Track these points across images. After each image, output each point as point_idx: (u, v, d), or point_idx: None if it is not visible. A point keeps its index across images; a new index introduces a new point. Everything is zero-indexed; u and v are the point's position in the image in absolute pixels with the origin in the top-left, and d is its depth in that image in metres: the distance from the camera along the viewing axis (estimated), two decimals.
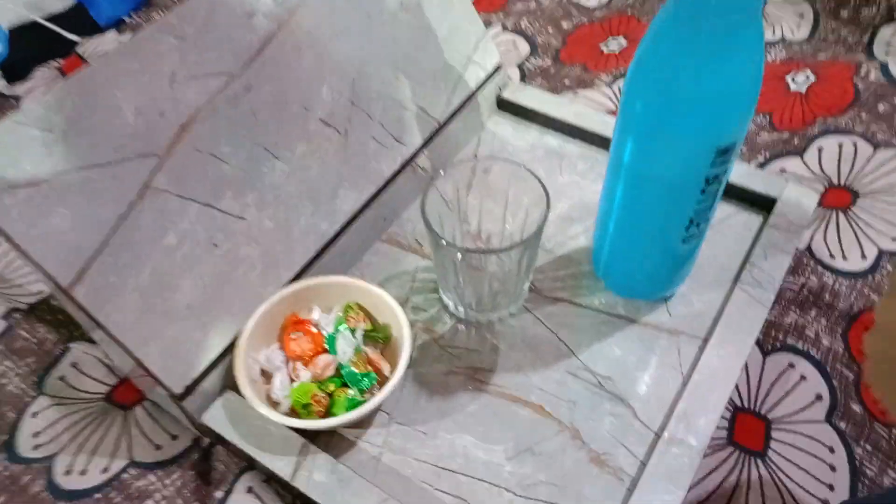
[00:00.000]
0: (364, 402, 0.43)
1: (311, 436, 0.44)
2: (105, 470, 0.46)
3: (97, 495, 0.45)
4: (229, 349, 0.45)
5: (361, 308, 0.47)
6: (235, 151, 0.45)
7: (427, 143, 0.57)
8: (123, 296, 0.40)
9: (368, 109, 0.52)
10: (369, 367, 0.45)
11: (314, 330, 0.46)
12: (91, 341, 0.52)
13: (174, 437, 0.47)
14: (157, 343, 0.42)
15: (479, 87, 0.61)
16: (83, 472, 0.46)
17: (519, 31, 0.75)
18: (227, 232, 0.45)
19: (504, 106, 0.63)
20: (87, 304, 0.39)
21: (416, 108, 0.56)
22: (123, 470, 0.46)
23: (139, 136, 0.41)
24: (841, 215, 0.55)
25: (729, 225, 0.54)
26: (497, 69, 0.62)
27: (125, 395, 0.50)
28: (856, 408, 0.46)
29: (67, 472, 0.46)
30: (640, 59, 0.38)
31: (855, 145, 0.59)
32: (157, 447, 0.47)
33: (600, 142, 0.59)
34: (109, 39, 0.78)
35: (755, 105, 0.38)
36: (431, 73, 0.57)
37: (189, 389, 0.43)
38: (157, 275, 0.42)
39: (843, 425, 0.45)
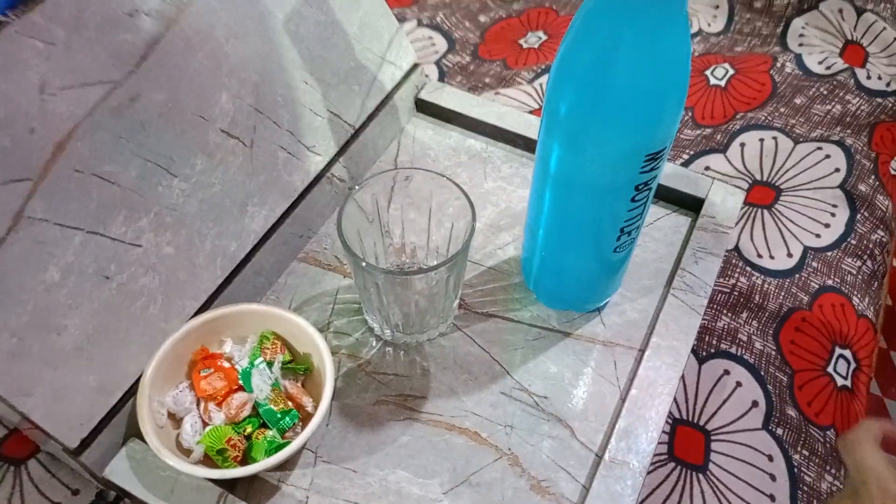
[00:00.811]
0: (286, 443, 0.39)
1: (228, 483, 0.40)
2: None
3: None
4: (131, 392, 0.40)
5: (278, 337, 0.43)
6: (124, 170, 0.40)
7: (342, 151, 0.53)
8: None
9: (275, 116, 0.48)
10: (289, 404, 0.41)
11: (226, 364, 0.42)
12: None
13: (75, 493, 0.42)
14: (43, 392, 0.37)
15: (396, 89, 0.57)
16: None
17: (435, 27, 0.72)
18: (120, 262, 0.40)
19: (423, 107, 0.60)
20: None
21: (328, 113, 0.52)
22: None
23: (6, 158, 0.35)
24: (766, 212, 0.55)
25: (658, 227, 0.53)
26: (414, 68, 0.59)
27: (16, 447, 0.44)
28: (791, 412, 0.45)
29: None
30: (561, 61, 0.36)
31: (775, 140, 0.59)
32: None
33: (525, 144, 0.57)
34: None
35: (683, 106, 0.36)
36: (342, 74, 0.53)
37: (86, 442, 0.39)
38: (37, 315, 0.37)
39: (780, 432, 0.44)
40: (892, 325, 1.20)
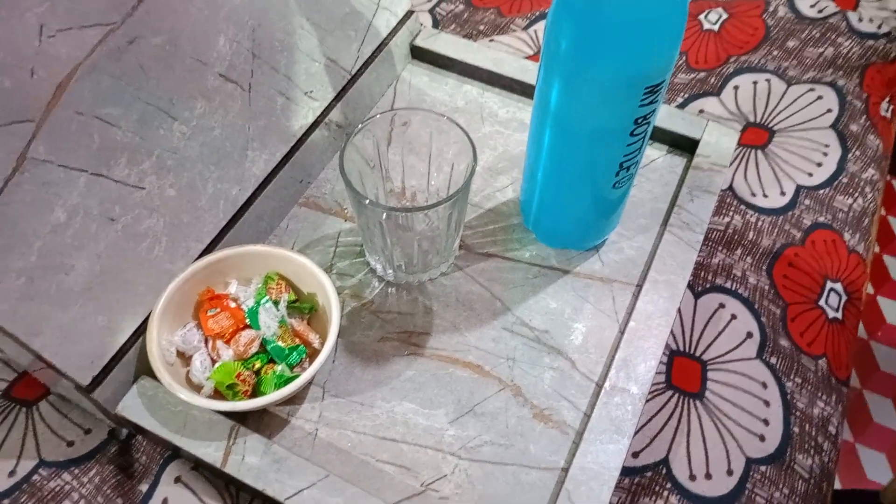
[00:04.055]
0: (294, 377, 0.40)
1: (239, 417, 0.41)
2: (12, 473, 0.41)
3: (5, 501, 0.40)
4: (140, 332, 0.41)
5: (283, 278, 0.44)
6: (125, 113, 0.40)
7: (339, 97, 0.53)
8: (7, 281, 0.35)
9: (272, 61, 0.48)
10: (296, 340, 0.42)
11: (233, 305, 0.43)
12: None
13: (87, 432, 0.43)
14: (54, 331, 0.38)
15: (391, 35, 0.57)
16: None
17: None
18: (124, 204, 0.40)
19: (418, 54, 0.60)
20: None
21: (325, 58, 0.52)
22: (33, 471, 0.42)
23: (8, 100, 0.35)
24: (759, 153, 0.56)
25: (653, 168, 0.53)
26: (408, 15, 0.58)
27: (26, 390, 0.45)
28: (784, 343, 0.47)
29: None
30: None
31: (768, 82, 0.60)
32: (69, 444, 0.43)
33: (521, 89, 0.57)
34: None
35: (682, 37, 0.36)
36: (338, 20, 0.52)
37: (98, 379, 0.39)
38: (46, 256, 0.37)
39: (773, 361, 0.46)
40: (878, 270, 1.22)
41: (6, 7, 0.35)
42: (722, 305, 0.48)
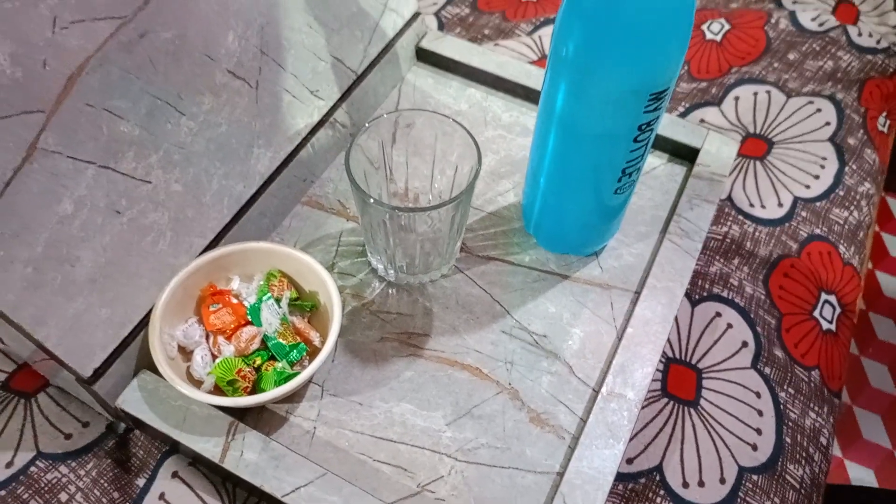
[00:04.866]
0: (295, 374, 0.40)
1: (238, 414, 0.41)
2: (9, 464, 0.41)
3: (1, 492, 0.40)
4: (142, 326, 0.41)
5: (285, 275, 0.44)
6: (133, 106, 0.40)
7: (344, 96, 0.54)
8: (13, 271, 0.36)
9: (279, 59, 0.48)
10: (297, 338, 0.42)
11: (235, 301, 0.43)
12: None
13: (85, 425, 0.43)
14: (58, 322, 0.38)
15: (397, 36, 0.57)
16: None
17: None
18: (130, 197, 0.40)
19: (424, 56, 0.60)
20: None
21: (331, 58, 0.52)
22: (31, 463, 0.42)
23: (19, 90, 0.35)
24: (758, 164, 0.57)
25: (654, 176, 0.54)
26: (415, 17, 0.59)
27: (25, 381, 0.45)
28: (778, 353, 0.47)
29: None
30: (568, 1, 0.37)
31: (769, 94, 0.61)
32: (67, 436, 0.43)
33: (525, 94, 0.57)
34: None
35: (686, 45, 0.37)
36: (345, 19, 0.53)
37: (99, 372, 0.40)
38: (52, 246, 0.37)
39: (767, 371, 0.46)
40: (871, 286, 1.23)
41: None
42: (718, 314, 0.48)
